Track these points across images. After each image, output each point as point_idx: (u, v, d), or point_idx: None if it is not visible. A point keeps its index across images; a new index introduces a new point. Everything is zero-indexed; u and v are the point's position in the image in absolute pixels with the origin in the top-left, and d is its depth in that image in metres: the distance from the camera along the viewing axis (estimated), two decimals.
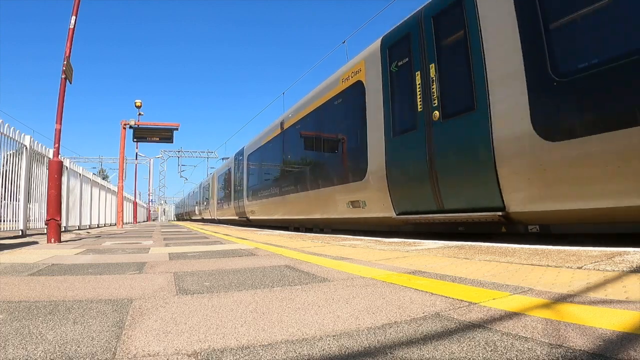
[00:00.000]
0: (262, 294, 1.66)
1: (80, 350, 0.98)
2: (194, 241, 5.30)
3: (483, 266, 2.23)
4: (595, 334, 1.00)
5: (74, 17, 5.60)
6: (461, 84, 4.39)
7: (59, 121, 5.35)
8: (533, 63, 3.59)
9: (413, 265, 2.36)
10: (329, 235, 5.88)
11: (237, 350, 0.98)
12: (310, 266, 2.49)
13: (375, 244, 4.02)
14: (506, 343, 0.98)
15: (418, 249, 3.34)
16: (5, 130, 5.84)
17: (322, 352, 0.96)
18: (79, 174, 10.74)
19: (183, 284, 1.93)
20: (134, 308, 1.42)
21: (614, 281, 1.59)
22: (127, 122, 15.19)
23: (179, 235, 7.27)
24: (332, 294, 1.62)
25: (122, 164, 16.18)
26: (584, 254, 2.40)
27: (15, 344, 1.03)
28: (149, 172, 42.99)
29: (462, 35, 4.41)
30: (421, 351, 0.94)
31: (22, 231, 6.42)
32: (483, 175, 4.04)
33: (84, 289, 1.80)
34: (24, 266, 2.61)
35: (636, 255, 2.17)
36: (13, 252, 3.57)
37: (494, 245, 3.37)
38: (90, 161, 41.54)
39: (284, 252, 3.45)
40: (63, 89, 5.39)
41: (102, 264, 2.79)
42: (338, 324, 1.20)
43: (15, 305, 1.48)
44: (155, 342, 1.05)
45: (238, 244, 4.60)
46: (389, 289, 1.70)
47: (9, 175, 6.10)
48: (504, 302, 1.38)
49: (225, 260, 2.91)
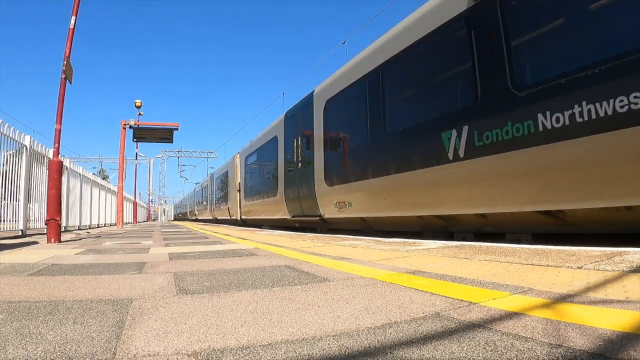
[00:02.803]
0: (262, 294, 1.66)
1: (80, 350, 0.98)
2: (194, 241, 5.30)
3: (483, 266, 2.23)
4: (595, 334, 1.00)
5: (73, 18, 5.60)
6: (309, 150, 8.22)
7: (59, 121, 5.35)
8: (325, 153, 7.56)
9: (413, 265, 2.36)
10: (328, 236, 5.88)
11: (237, 350, 0.98)
12: (310, 266, 2.49)
13: (375, 244, 4.02)
14: (506, 343, 0.98)
15: (418, 249, 3.34)
16: (5, 130, 5.84)
17: (322, 352, 0.97)
18: (79, 174, 10.74)
19: (183, 284, 1.93)
20: (134, 308, 1.42)
21: (614, 281, 1.59)
22: (127, 122, 15.19)
23: (179, 235, 7.27)
24: (332, 294, 1.62)
25: (122, 164, 16.18)
26: (584, 254, 2.40)
27: (15, 344, 1.03)
28: (149, 172, 43.07)
29: (310, 129, 8.18)
30: (421, 351, 0.94)
31: (22, 231, 6.42)
32: (313, 199, 7.99)
33: (84, 289, 1.80)
34: (24, 266, 2.61)
35: (636, 255, 2.17)
36: (13, 252, 3.57)
37: (494, 245, 3.38)
38: (90, 161, 41.63)
39: (283, 252, 3.45)
40: (63, 89, 5.39)
41: (102, 264, 2.79)
42: (338, 324, 1.20)
43: (15, 305, 1.48)
44: (155, 342, 1.05)
45: (238, 244, 4.60)
46: (389, 288, 1.70)
47: (9, 175, 6.10)
48: (504, 302, 1.38)
49: (225, 260, 2.91)
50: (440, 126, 4.54)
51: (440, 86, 4.96)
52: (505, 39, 3.88)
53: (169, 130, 15.17)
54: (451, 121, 4.40)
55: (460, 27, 4.41)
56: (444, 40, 4.71)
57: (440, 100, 4.89)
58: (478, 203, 4.25)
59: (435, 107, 4.93)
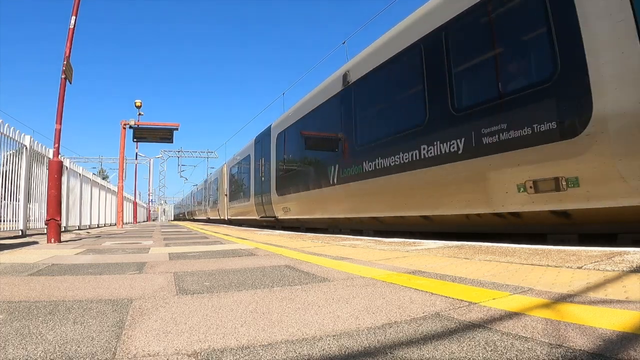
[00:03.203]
0: (262, 294, 1.66)
1: (80, 350, 0.98)
2: (194, 241, 5.30)
3: (483, 266, 2.23)
4: (595, 334, 1.00)
5: (73, 17, 5.60)
6: (267, 168, 11.17)
7: (59, 121, 5.35)
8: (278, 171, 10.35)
9: (413, 265, 2.36)
10: (328, 235, 5.89)
11: (237, 350, 0.98)
12: (310, 266, 2.49)
13: (375, 244, 4.02)
14: (506, 343, 0.98)
15: (418, 249, 3.34)
16: (5, 130, 5.84)
17: (322, 352, 0.96)
18: (79, 174, 10.74)
19: (183, 284, 1.93)
20: (134, 308, 1.42)
21: (614, 281, 1.59)
22: (127, 122, 15.19)
23: (179, 235, 7.27)
24: (332, 294, 1.62)
25: (122, 164, 16.18)
26: (584, 253, 2.40)
27: (15, 344, 1.03)
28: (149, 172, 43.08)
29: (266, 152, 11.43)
30: (421, 351, 0.94)
31: (22, 231, 6.42)
32: (270, 204, 10.89)
33: (84, 289, 1.80)
34: (24, 266, 2.61)
35: (636, 255, 2.17)
36: (13, 252, 3.57)
37: (494, 245, 3.38)
38: (90, 161, 41.60)
39: (283, 252, 3.45)
40: (63, 89, 5.39)
41: (102, 264, 2.79)
42: (338, 323, 1.20)
43: (15, 305, 1.48)
44: (155, 342, 1.05)
45: (238, 244, 4.60)
46: (389, 288, 1.70)
47: (9, 175, 6.10)
48: (504, 302, 1.38)
49: (225, 260, 2.91)
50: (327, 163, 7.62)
51: (327, 140, 8.02)
52: (355, 110, 6.75)
53: (169, 130, 15.16)
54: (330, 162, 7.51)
55: (337, 101, 7.32)
56: (331, 108, 7.58)
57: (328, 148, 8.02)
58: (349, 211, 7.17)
59: (325, 152, 8.13)
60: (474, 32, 4.44)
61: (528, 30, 3.92)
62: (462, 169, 4.31)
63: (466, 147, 4.25)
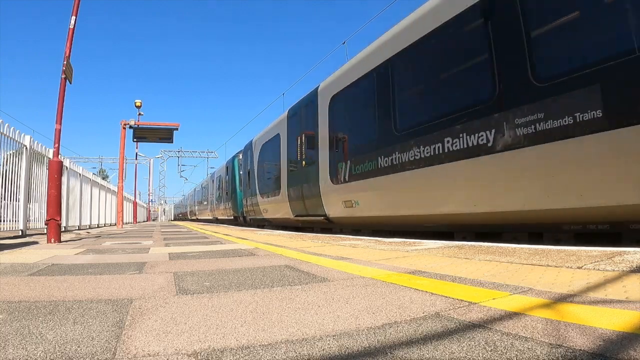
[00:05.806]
0: (262, 294, 1.66)
1: (80, 350, 0.98)
2: (193, 241, 5.30)
3: (483, 266, 2.23)
4: (596, 334, 1.00)
5: (73, 17, 5.60)
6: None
7: (59, 121, 5.34)
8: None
9: (413, 265, 2.36)
10: (328, 235, 5.89)
11: (237, 350, 0.98)
12: (310, 266, 2.49)
13: (375, 243, 4.02)
14: (506, 343, 0.98)
15: (418, 248, 3.34)
16: (5, 130, 5.84)
17: (322, 352, 0.96)
18: (79, 174, 10.73)
19: (183, 284, 1.93)
20: (134, 308, 1.42)
21: (614, 281, 1.59)
22: (127, 122, 15.17)
23: (179, 235, 7.27)
24: (332, 294, 1.62)
25: (122, 164, 16.17)
26: (584, 253, 2.40)
27: (15, 344, 1.02)
28: (149, 172, 43.06)
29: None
30: (421, 351, 0.94)
31: (22, 231, 6.41)
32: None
33: (84, 289, 1.80)
34: (24, 266, 2.61)
35: (636, 255, 2.17)
36: (13, 252, 3.57)
37: (494, 245, 3.38)
38: (90, 161, 41.61)
39: (283, 252, 3.45)
40: (63, 89, 5.39)
41: (102, 264, 2.79)
42: (338, 323, 1.20)
43: (15, 305, 1.48)
44: (155, 342, 1.05)
45: (238, 244, 4.60)
46: (389, 288, 1.70)
47: (9, 175, 6.10)
48: (504, 302, 1.38)
49: (225, 260, 2.91)
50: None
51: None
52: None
53: (169, 130, 15.14)
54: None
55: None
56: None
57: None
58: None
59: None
60: None
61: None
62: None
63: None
